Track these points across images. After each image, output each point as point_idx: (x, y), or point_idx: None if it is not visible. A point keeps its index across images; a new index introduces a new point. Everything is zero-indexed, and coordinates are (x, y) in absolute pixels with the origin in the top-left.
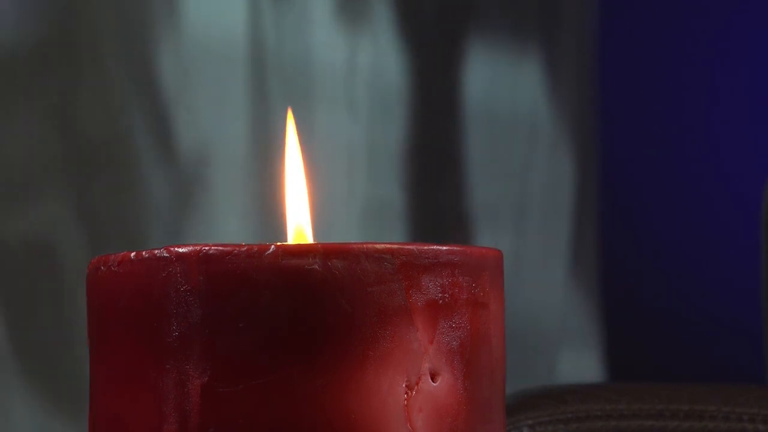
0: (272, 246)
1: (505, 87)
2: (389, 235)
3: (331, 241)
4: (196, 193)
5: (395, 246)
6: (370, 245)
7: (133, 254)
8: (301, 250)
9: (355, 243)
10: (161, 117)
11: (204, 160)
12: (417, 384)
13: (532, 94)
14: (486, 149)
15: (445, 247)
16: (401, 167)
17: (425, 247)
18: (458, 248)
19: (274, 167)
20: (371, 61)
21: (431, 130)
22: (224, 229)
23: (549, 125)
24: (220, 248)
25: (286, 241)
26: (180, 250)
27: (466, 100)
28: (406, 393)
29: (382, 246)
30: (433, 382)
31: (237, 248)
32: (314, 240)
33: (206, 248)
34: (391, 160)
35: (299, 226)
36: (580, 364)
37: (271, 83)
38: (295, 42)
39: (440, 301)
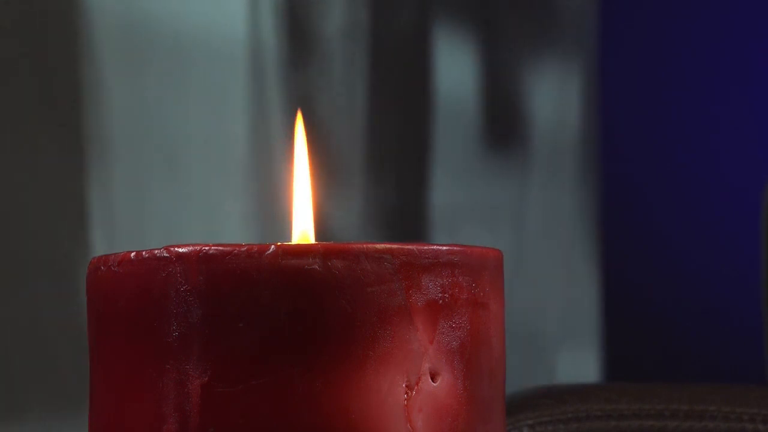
0: (272, 246)
1: (504, 89)
2: (389, 235)
3: (331, 241)
4: (197, 193)
5: (395, 246)
6: (370, 245)
7: (133, 254)
8: (301, 250)
9: (355, 243)
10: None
11: (204, 160)
12: (417, 384)
13: (532, 95)
14: (485, 150)
15: (445, 247)
16: (401, 167)
17: (425, 247)
18: (458, 248)
19: (275, 167)
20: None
21: (430, 130)
22: (224, 229)
23: (548, 124)
24: (220, 248)
25: (286, 241)
26: (180, 250)
27: (465, 100)
28: (406, 393)
29: (382, 246)
30: (433, 382)
31: (237, 248)
32: (315, 240)
33: (206, 248)
34: (391, 160)
35: (304, 231)
36: (580, 364)
37: (270, 82)
38: (295, 41)
39: (440, 301)
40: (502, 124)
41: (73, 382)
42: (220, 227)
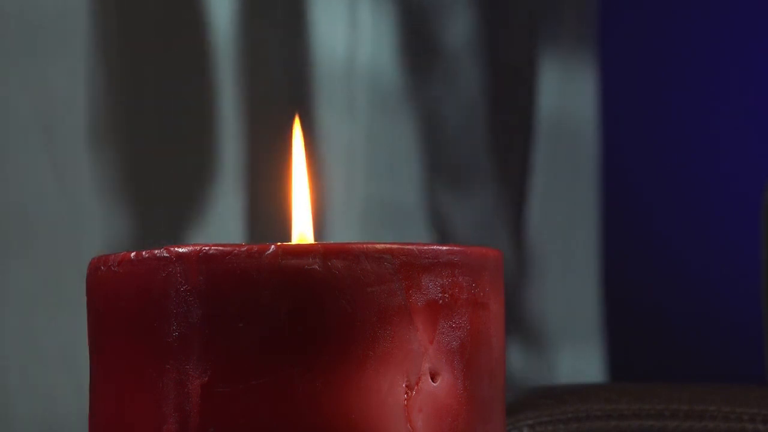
0: (272, 246)
1: (504, 88)
2: (389, 235)
3: (331, 241)
4: (196, 193)
5: (395, 246)
6: (370, 245)
7: (133, 254)
8: (301, 250)
9: (355, 243)
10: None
11: (204, 159)
12: (417, 384)
13: (532, 95)
14: (485, 149)
15: (445, 247)
16: (401, 167)
17: (425, 247)
18: (458, 248)
19: (274, 167)
20: (371, 60)
21: (429, 130)
22: (224, 229)
23: (548, 124)
24: (220, 248)
25: (286, 241)
26: (180, 250)
27: (465, 100)
28: (406, 393)
29: (382, 246)
30: (433, 382)
31: (237, 248)
32: (314, 241)
33: (206, 248)
34: (391, 160)
35: (303, 231)
36: (581, 364)
37: (273, 82)
38: (294, 40)
39: (440, 301)
40: (502, 124)
41: (72, 383)
42: (220, 227)
